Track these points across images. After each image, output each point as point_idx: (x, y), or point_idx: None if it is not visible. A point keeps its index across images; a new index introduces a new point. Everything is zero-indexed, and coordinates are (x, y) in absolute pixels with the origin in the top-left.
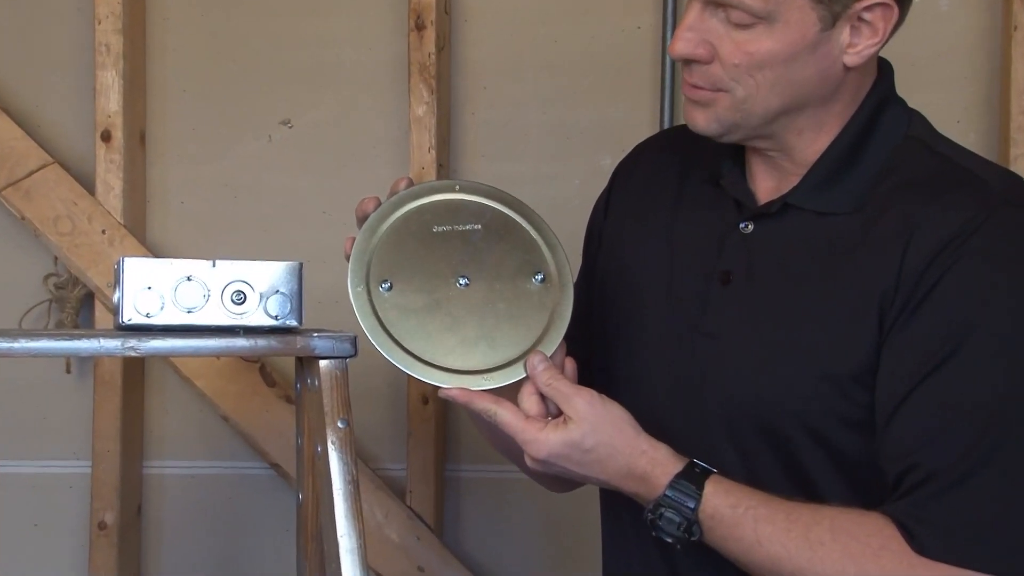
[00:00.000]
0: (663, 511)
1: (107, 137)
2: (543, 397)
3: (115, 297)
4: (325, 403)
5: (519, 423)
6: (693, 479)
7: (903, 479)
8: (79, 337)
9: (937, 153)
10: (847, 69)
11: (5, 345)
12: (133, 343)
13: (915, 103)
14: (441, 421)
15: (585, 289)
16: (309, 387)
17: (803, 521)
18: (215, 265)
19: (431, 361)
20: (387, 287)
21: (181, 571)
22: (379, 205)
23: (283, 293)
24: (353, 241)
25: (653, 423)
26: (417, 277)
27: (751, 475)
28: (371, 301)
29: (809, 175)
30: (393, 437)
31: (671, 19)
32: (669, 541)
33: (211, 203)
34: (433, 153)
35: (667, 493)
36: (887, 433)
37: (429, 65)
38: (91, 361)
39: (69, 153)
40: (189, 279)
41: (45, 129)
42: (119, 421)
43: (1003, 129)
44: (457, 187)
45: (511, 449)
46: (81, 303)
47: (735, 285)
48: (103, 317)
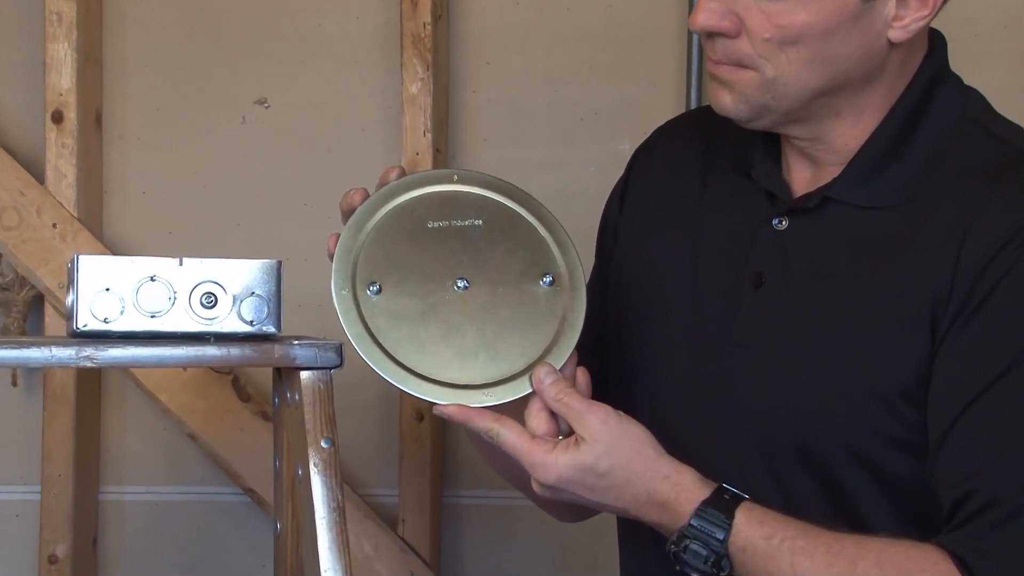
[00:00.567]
0: (688, 543)
1: (58, 118)
2: (552, 414)
3: (68, 300)
4: (307, 420)
5: (524, 444)
6: (722, 507)
7: (960, 507)
8: (27, 345)
9: (997, 137)
10: (892, 45)
11: None
12: (89, 352)
13: (973, 81)
14: (438, 441)
15: (599, 291)
16: (288, 402)
17: (847, 554)
18: (182, 264)
19: (425, 374)
20: (376, 290)
21: None
22: (367, 197)
23: (259, 295)
24: (337, 238)
25: (677, 444)
26: (409, 279)
27: (788, 502)
28: (357, 306)
29: (852, 164)
30: (384, 459)
31: None
32: None
33: (177, 193)
34: (429, 137)
35: (693, 523)
36: (941, 455)
37: (424, 37)
38: (40, 373)
39: (15, 136)
40: (152, 279)
41: None
42: (72, 441)
43: None
44: (455, 177)
45: (516, 473)
46: (29, 307)
47: (768, 288)
48: (54, 323)
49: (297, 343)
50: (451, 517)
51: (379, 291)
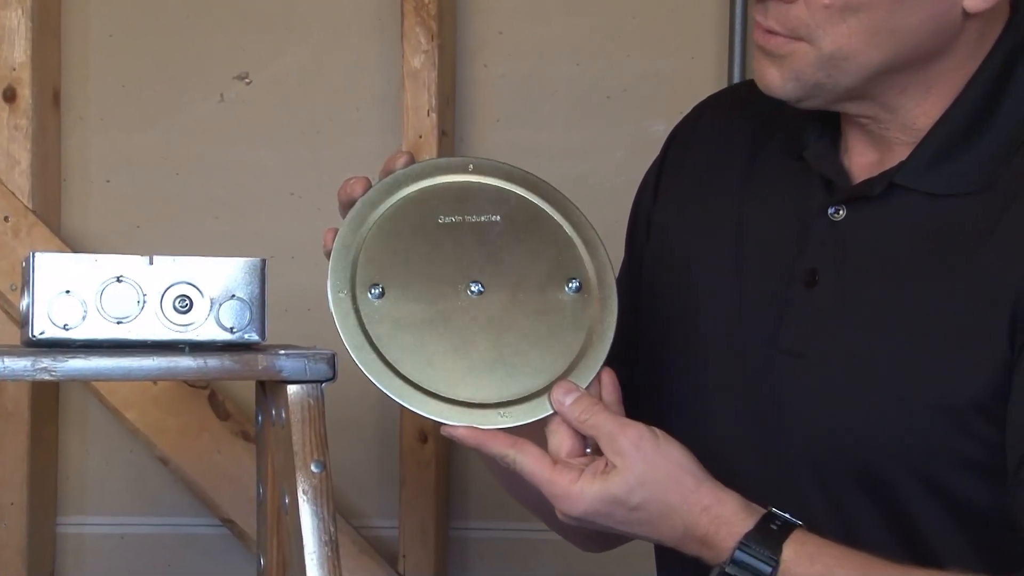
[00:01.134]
0: None
1: (10, 96)
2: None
3: (23, 304)
4: (294, 441)
5: (545, 472)
6: (769, 539)
7: None
8: None
9: None
10: (967, 15)
11: None
12: (47, 363)
13: None
14: (443, 465)
15: (628, 293)
16: (274, 420)
17: None
18: (152, 262)
19: (432, 390)
20: (378, 293)
21: None
22: (369, 187)
23: (240, 299)
24: (335, 234)
25: (719, 465)
26: (416, 282)
27: (845, 530)
28: (357, 311)
29: (921, 147)
30: (382, 485)
31: None
32: None
33: (146, 182)
34: (433, 117)
35: (736, 558)
36: (1019, 481)
37: (428, 3)
38: None
39: None
40: (119, 280)
41: None
42: (26, 465)
43: None
44: (471, 166)
45: (535, 498)
46: None
47: (822, 287)
48: (6, 329)
49: (284, 353)
50: (458, 552)
51: (382, 295)
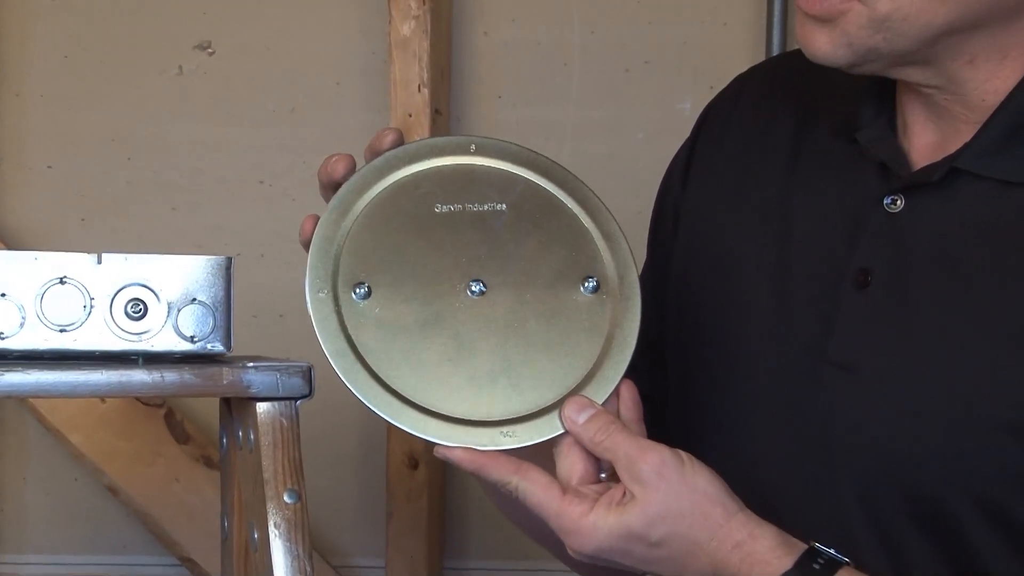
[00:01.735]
0: None
1: None
2: (589, 452)
3: None
4: (264, 467)
5: (553, 503)
6: None
7: None
8: None
9: None
10: None
11: None
12: None
13: None
14: (437, 495)
15: (652, 292)
16: (240, 443)
17: None
18: (101, 261)
19: (424, 405)
20: (363, 293)
21: None
22: (353, 169)
23: (203, 303)
24: (315, 223)
25: (755, 490)
26: (408, 280)
27: (899, 567)
28: (339, 313)
29: (989, 126)
30: (366, 519)
31: None
32: None
33: (93, 168)
34: (425, 92)
35: None
36: None
37: None
38: None
39: None
40: (62, 282)
41: None
42: None
43: None
44: (473, 147)
45: (541, 527)
46: None
47: (875, 289)
48: None
49: (252, 366)
50: None
51: (368, 294)
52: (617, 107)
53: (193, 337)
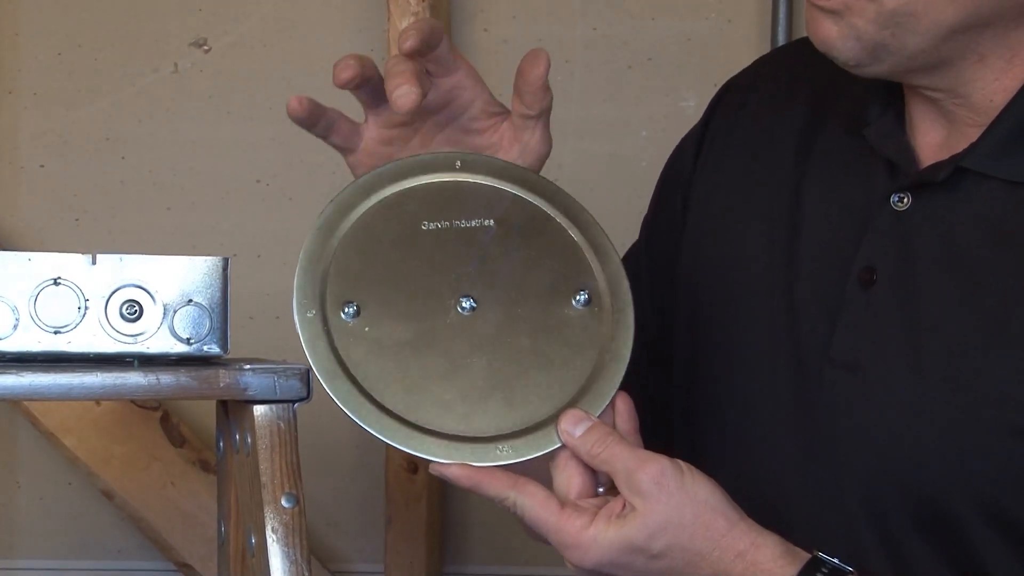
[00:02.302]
0: None
1: None
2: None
3: None
4: (262, 471)
5: (552, 517)
6: None
7: None
8: None
9: None
10: None
11: None
12: None
13: None
14: (437, 499)
15: (645, 278)
16: (237, 447)
17: None
18: (95, 261)
19: (418, 423)
20: (352, 312)
21: None
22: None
23: (199, 304)
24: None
25: (756, 497)
26: (397, 298)
27: (900, 568)
28: (328, 333)
29: (996, 126)
30: (365, 523)
31: None
32: None
33: (87, 167)
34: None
35: None
36: None
37: None
38: None
39: None
40: (56, 283)
41: None
42: None
43: None
44: (458, 163)
45: None
46: None
47: (881, 288)
48: None
49: (249, 368)
50: None
51: (357, 313)
52: (620, 105)
53: (189, 339)
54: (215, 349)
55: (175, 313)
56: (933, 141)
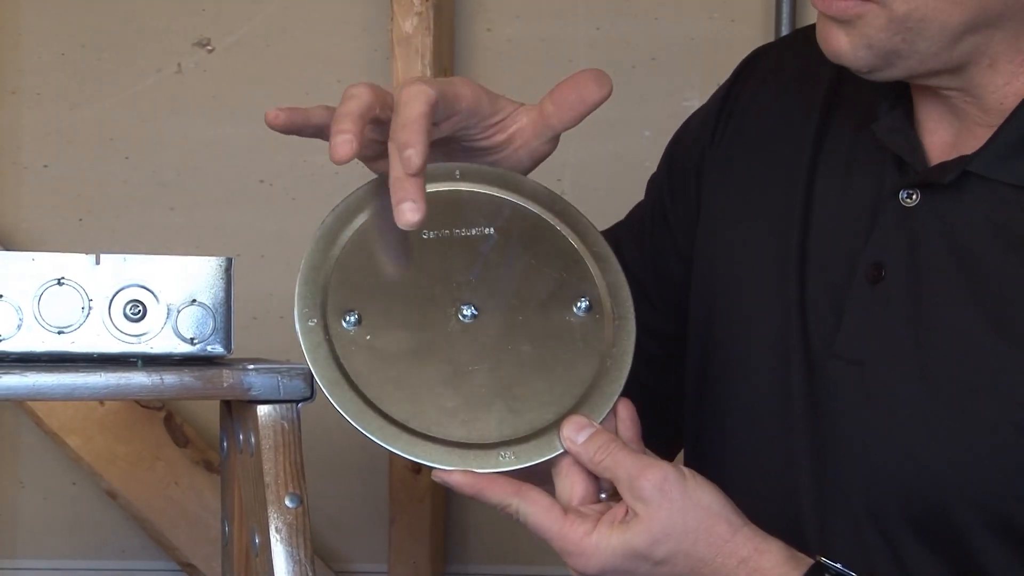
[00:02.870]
0: None
1: None
2: (589, 471)
3: None
4: (265, 471)
5: (554, 525)
6: None
7: None
8: None
9: None
10: None
11: None
12: None
13: None
14: (440, 499)
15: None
16: (241, 447)
17: None
18: (99, 262)
19: (420, 430)
20: (354, 321)
21: None
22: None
23: (202, 304)
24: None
25: (757, 500)
26: (398, 306)
27: (901, 568)
28: (330, 341)
29: (1003, 130)
30: (368, 523)
31: None
32: None
33: (90, 167)
34: None
35: None
36: None
37: None
38: None
39: None
40: (60, 283)
41: None
42: None
43: None
44: (457, 173)
45: None
46: None
47: (888, 284)
48: None
49: (253, 368)
50: None
51: (358, 322)
52: (623, 105)
53: (193, 339)
54: (219, 349)
55: (179, 313)
56: (942, 139)
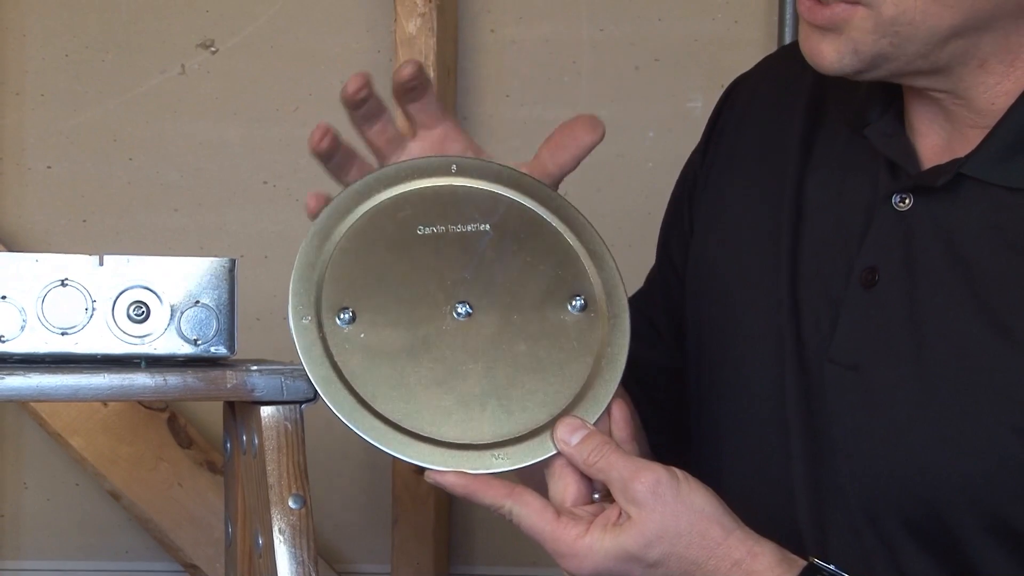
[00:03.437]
0: None
1: None
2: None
3: None
4: (269, 472)
5: (547, 526)
6: None
7: None
8: None
9: None
10: None
11: None
12: None
13: None
14: (443, 500)
15: (661, 279)
16: (244, 448)
17: None
18: (102, 263)
19: (413, 430)
20: (348, 318)
21: None
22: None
23: (206, 305)
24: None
25: (754, 502)
26: (393, 304)
27: (898, 570)
28: (323, 339)
29: (996, 132)
30: (372, 524)
31: None
32: None
33: (94, 168)
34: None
35: None
36: None
37: None
38: None
39: None
40: (64, 284)
41: None
42: None
43: None
44: (454, 167)
45: None
46: None
47: (883, 288)
48: None
49: (256, 369)
50: None
51: (352, 319)
52: (627, 106)
53: (196, 340)
54: (222, 350)
55: (182, 314)
56: (934, 142)
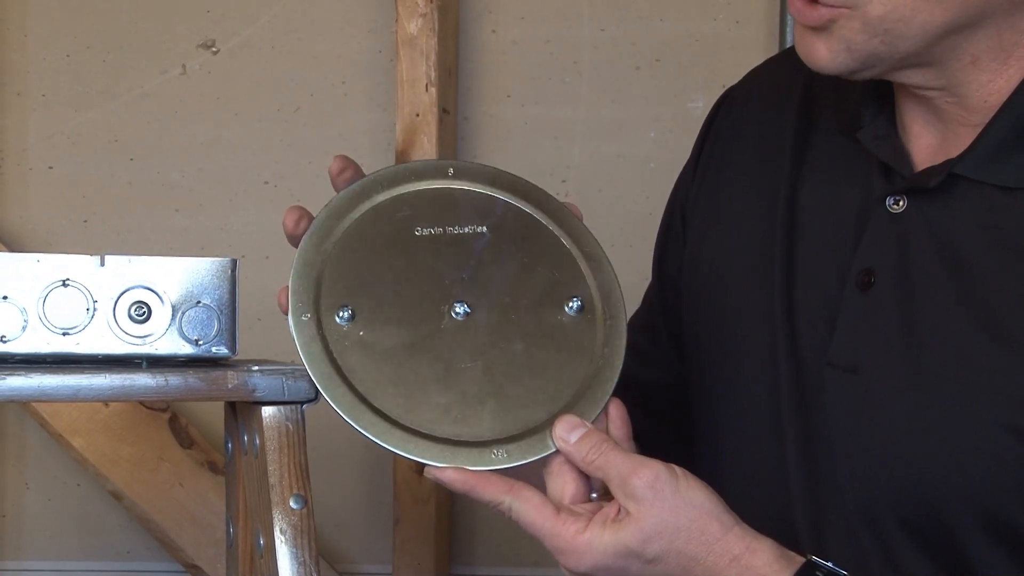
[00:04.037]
0: None
1: None
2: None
3: None
4: (270, 472)
5: (547, 523)
6: None
7: None
8: None
9: None
10: None
11: None
12: None
13: None
14: (445, 500)
15: (659, 295)
16: (246, 448)
17: None
18: (104, 263)
19: (413, 427)
20: (347, 316)
21: None
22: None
23: (207, 306)
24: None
25: (753, 502)
26: (392, 303)
27: (895, 570)
28: (323, 337)
29: (988, 132)
30: (373, 524)
31: None
32: None
33: (95, 168)
34: (432, 92)
35: None
36: None
37: None
38: None
39: None
40: (65, 284)
41: None
42: None
43: None
44: (451, 171)
45: None
46: None
47: (879, 290)
48: None
49: (258, 369)
50: None
51: (352, 318)
52: (628, 106)
53: (197, 340)
54: (223, 350)
55: (183, 314)
56: (927, 143)
